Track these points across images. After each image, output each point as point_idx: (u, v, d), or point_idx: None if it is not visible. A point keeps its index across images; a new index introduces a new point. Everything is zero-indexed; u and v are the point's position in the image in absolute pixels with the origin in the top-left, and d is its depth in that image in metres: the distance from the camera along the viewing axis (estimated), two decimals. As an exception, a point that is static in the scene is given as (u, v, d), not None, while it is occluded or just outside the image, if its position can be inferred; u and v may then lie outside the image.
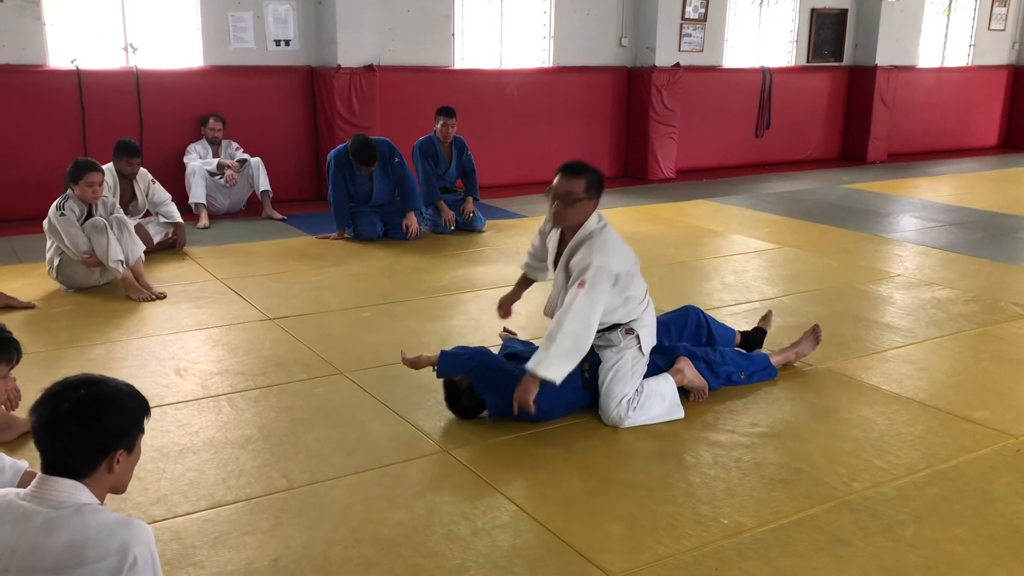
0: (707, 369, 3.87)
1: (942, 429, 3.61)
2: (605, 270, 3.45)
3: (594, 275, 3.43)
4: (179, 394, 3.89)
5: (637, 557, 2.70)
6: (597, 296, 3.43)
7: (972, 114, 13.08)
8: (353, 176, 6.89)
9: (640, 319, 3.67)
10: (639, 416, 3.59)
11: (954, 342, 4.69)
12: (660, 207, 8.58)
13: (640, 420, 3.59)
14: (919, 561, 2.68)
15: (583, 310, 3.40)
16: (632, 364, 3.63)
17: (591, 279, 3.43)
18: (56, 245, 5.38)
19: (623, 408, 3.57)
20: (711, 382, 3.87)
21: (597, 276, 3.43)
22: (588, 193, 3.55)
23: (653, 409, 3.62)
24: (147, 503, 2.96)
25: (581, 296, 3.41)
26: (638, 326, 3.65)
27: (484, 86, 9.26)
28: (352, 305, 5.24)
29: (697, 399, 3.80)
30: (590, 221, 3.58)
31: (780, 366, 4.15)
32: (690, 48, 10.37)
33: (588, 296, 3.41)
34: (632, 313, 3.64)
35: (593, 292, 3.42)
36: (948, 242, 7.09)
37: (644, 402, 3.60)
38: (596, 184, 3.59)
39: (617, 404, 3.58)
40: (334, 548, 2.72)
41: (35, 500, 1.76)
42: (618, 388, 3.59)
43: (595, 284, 3.43)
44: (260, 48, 8.22)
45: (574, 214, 3.57)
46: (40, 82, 7.32)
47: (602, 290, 3.44)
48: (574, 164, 3.62)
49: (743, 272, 6.13)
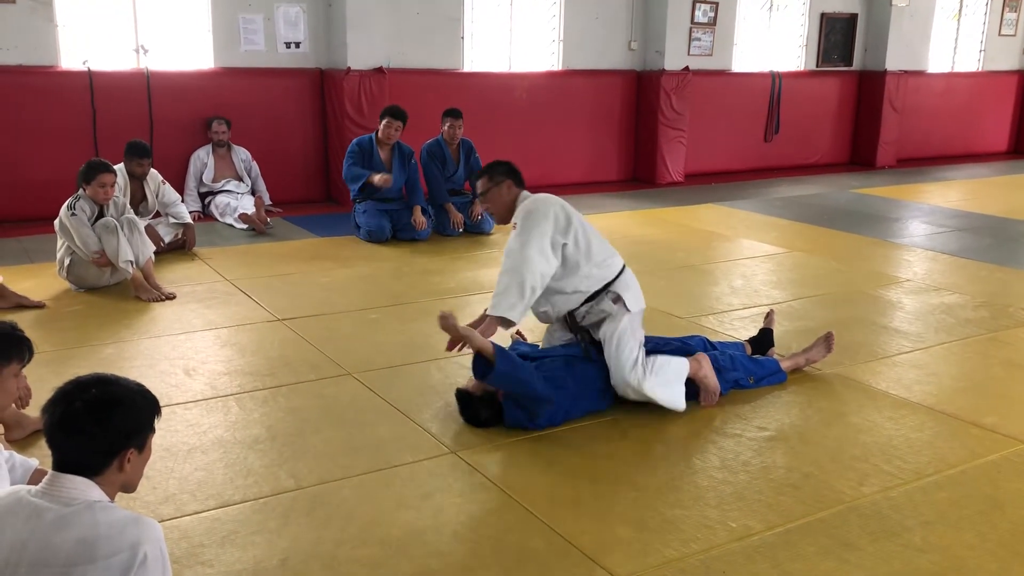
0: (717, 374, 3.87)
1: (951, 434, 3.60)
2: (533, 213, 3.66)
3: (523, 218, 3.67)
4: (188, 394, 3.91)
5: (644, 560, 2.69)
6: (529, 235, 3.60)
7: (982, 119, 13.04)
8: (371, 163, 6.97)
9: (620, 281, 3.77)
10: (656, 382, 3.63)
11: (963, 347, 4.68)
12: (668, 211, 8.57)
13: (657, 387, 3.63)
14: (927, 566, 2.68)
15: (515, 246, 3.62)
16: (630, 325, 3.70)
17: (520, 222, 3.67)
18: (67, 245, 5.40)
19: (639, 371, 3.62)
20: (720, 387, 3.87)
21: (526, 219, 3.65)
22: (494, 180, 3.84)
23: (668, 377, 3.67)
24: (156, 502, 2.97)
25: (513, 236, 3.66)
26: (620, 289, 3.74)
27: (493, 89, 9.27)
28: (360, 306, 5.25)
29: (706, 402, 3.79)
30: (519, 203, 3.81)
31: (790, 371, 4.14)
32: (699, 52, 10.37)
33: (519, 236, 3.62)
34: (607, 273, 3.75)
35: (524, 232, 3.62)
36: (957, 247, 7.07)
37: (658, 369, 3.65)
38: (500, 171, 3.87)
39: (632, 368, 3.61)
40: (342, 548, 2.73)
41: (46, 497, 1.77)
42: (625, 352, 3.64)
43: (525, 226, 3.63)
44: (270, 50, 8.26)
45: (498, 202, 3.84)
46: (52, 83, 7.36)
47: (535, 232, 3.60)
48: (479, 169, 3.99)
49: (751, 276, 6.12)
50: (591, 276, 3.71)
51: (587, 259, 3.71)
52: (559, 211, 3.69)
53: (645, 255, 6.70)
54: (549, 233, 3.62)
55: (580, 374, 3.66)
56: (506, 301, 3.58)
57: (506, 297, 3.59)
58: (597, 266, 3.73)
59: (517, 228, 3.66)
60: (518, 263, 3.58)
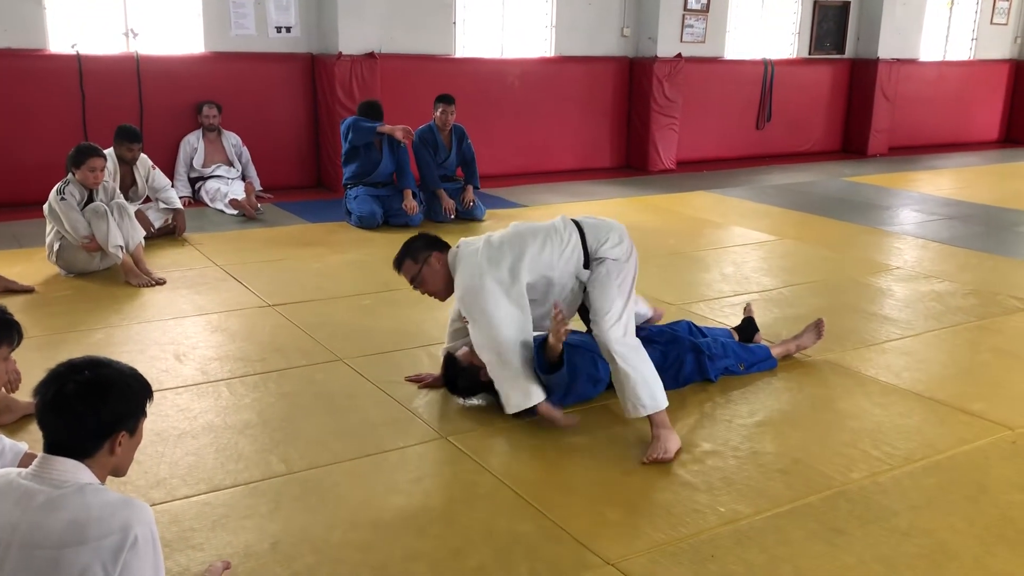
0: (708, 362, 3.88)
1: (939, 421, 3.63)
2: (471, 291, 3.36)
3: (468, 307, 3.38)
4: (179, 379, 3.90)
5: (634, 544, 2.71)
6: (484, 318, 3.32)
7: (973, 108, 13.06)
8: (369, 148, 6.96)
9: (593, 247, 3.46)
10: (631, 354, 3.31)
11: (952, 335, 4.71)
12: (660, 198, 8.58)
13: (631, 357, 3.30)
14: (914, 550, 2.70)
15: (477, 337, 3.36)
16: (615, 272, 3.40)
17: (467, 311, 3.40)
18: (56, 230, 5.38)
19: (618, 330, 3.31)
20: (712, 375, 3.89)
21: (471, 303, 3.36)
22: (419, 260, 3.50)
23: (643, 360, 3.34)
24: (146, 486, 2.97)
25: (470, 328, 3.40)
26: (601, 253, 3.45)
27: (485, 75, 9.24)
28: (352, 292, 5.25)
29: (653, 455, 3.26)
30: (454, 270, 3.47)
31: (780, 357, 4.16)
32: (692, 39, 10.35)
33: (474, 327, 3.37)
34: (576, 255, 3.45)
35: (474, 319, 3.35)
36: (948, 235, 7.09)
37: (638, 347, 3.37)
38: (419, 247, 3.53)
39: (611, 323, 3.31)
40: (333, 532, 2.74)
41: (37, 479, 1.77)
42: (603, 301, 3.34)
43: (471, 312, 3.37)
44: (261, 34, 8.20)
45: (434, 280, 3.51)
46: (40, 66, 7.31)
47: (484, 308, 3.32)
48: (395, 259, 3.58)
49: (742, 263, 6.14)
50: (565, 272, 3.46)
51: (551, 269, 3.44)
52: (491, 277, 3.34)
53: (637, 242, 6.60)
54: (501, 301, 3.33)
55: (571, 361, 3.65)
56: (512, 389, 3.36)
57: (507, 384, 3.36)
58: (566, 262, 3.45)
59: (468, 319, 3.40)
60: (491, 344, 3.33)
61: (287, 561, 2.59)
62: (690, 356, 3.87)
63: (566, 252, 3.45)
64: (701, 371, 3.89)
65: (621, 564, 2.60)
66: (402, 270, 3.56)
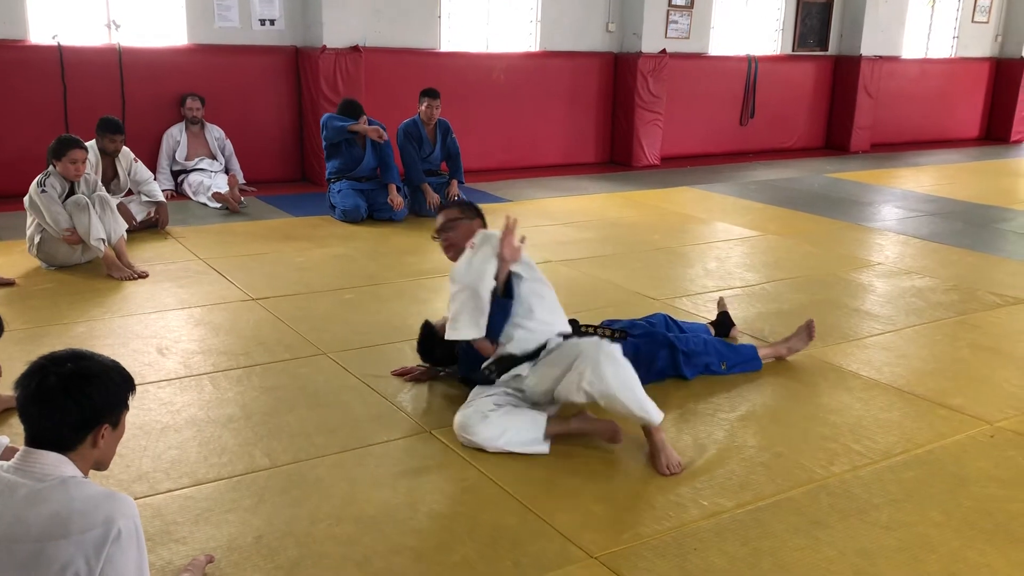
0: (683, 358, 3.85)
1: (918, 415, 3.66)
2: (485, 239, 3.40)
3: (477, 246, 3.39)
4: (161, 373, 3.88)
5: (618, 537, 2.72)
6: (482, 260, 3.31)
7: (955, 105, 13.17)
8: (350, 144, 6.95)
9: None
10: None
11: (932, 330, 4.75)
12: (644, 193, 8.60)
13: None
14: (894, 543, 2.73)
15: (466, 270, 3.33)
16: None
17: (471, 252, 3.38)
18: (37, 222, 5.33)
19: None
20: (686, 372, 3.86)
21: (479, 244, 3.39)
22: (464, 214, 3.62)
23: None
24: (129, 480, 2.96)
25: (460, 263, 3.38)
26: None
27: (470, 69, 9.23)
28: (336, 286, 5.24)
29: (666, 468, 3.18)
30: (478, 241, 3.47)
31: (770, 359, 4.13)
32: (676, 35, 10.37)
33: (466, 264, 3.34)
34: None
35: (471, 258, 3.34)
36: (929, 232, 7.15)
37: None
38: (471, 208, 3.67)
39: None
40: (317, 526, 2.74)
41: (19, 472, 1.76)
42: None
43: (476, 251, 3.36)
44: (245, 27, 8.16)
45: (462, 237, 3.52)
46: (21, 57, 7.24)
47: (488, 256, 3.31)
48: (445, 204, 3.65)
49: (726, 259, 6.17)
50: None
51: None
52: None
53: (621, 237, 6.72)
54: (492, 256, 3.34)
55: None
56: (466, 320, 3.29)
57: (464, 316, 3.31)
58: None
59: (468, 257, 3.39)
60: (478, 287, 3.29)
61: (271, 555, 2.58)
62: (664, 352, 3.84)
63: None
64: (675, 367, 3.85)
65: (605, 557, 2.62)
66: (445, 211, 3.66)
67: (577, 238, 6.62)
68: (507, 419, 3.24)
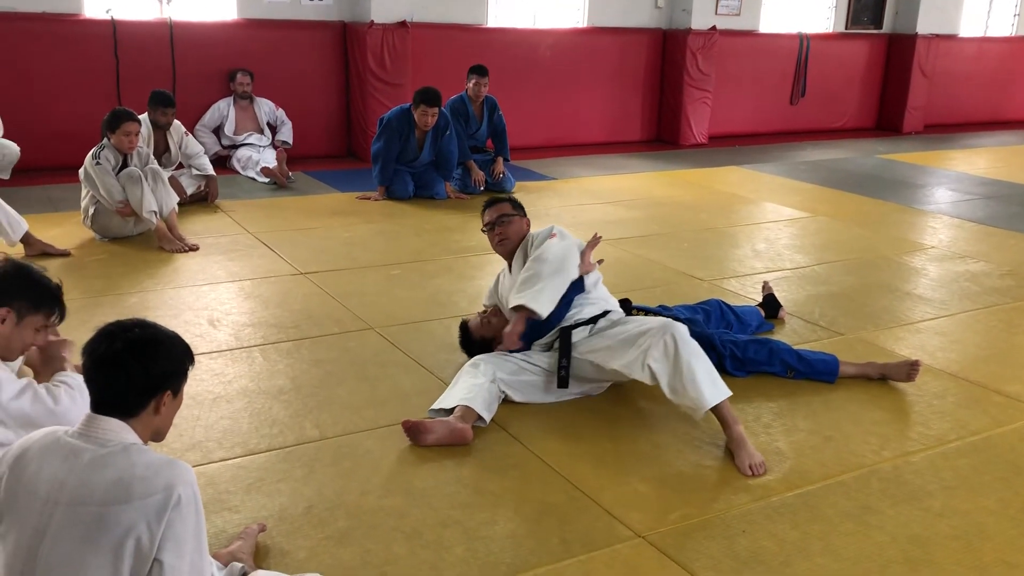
0: (733, 364, 3.67)
1: (973, 401, 3.59)
2: (562, 231, 3.59)
3: (561, 232, 3.58)
4: (213, 344, 3.94)
5: (665, 517, 2.72)
6: (568, 243, 3.52)
7: (1013, 86, 12.80)
8: (408, 140, 6.86)
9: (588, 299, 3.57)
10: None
11: (987, 315, 4.65)
12: (692, 172, 8.50)
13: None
14: (948, 531, 2.69)
15: (554, 247, 3.48)
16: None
17: (559, 233, 3.57)
18: (91, 194, 5.43)
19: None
20: (735, 373, 3.67)
21: (562, 232, 3.59)
22: (516, 210, 3.71)
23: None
24: (182, 448, 3.02)
25: (554, 241, 3.53)
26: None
27: (517, 45, 9.17)
28: (382, 262, 5.26)
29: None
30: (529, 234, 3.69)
31: (854, 376, 3.74)
32: (727, 12, 10.19)
33: (550, 247, 3.49)
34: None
35: (553, 243, 3.50)
36: (984, 215, 6.98)
37: None
38: (519, 205, 3.76)
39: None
40: (367, 497, 2.77)
41: (83, 438, 1.80)
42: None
43: (562, 234, 3.56)
44: (294, 2, 8.18)
45: (514, 233, 3.66)
46: (75, 31, 7.34)
47: (571, 242, 3.54)
48: (494, 199, 3.78)
49: (775, 240, 6.08)
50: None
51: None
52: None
53: (668, 217, 6.66)
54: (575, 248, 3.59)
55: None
56: (549, 297, 3.44)
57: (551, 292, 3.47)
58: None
59: (556, 236, 3.57)
60: (561, 259, 3.48)
61: (321, 524, 2.62)
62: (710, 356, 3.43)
63: None
64: (721, 370, 3.47)
65: (652, 537, 2.61)
66: (497, 206, 3.69)
67: (623, 217, 6.58)
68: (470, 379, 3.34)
